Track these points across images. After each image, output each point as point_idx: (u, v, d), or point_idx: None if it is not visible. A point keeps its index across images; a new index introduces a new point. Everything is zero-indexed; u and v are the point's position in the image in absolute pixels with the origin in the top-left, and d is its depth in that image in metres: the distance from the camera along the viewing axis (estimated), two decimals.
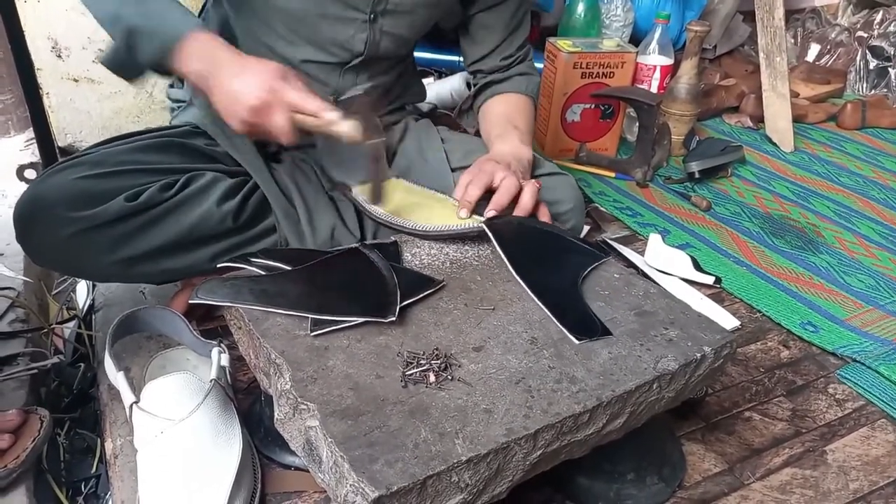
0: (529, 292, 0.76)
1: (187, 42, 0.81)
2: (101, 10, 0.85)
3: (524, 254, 0.82)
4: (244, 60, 0.81)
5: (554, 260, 0.83)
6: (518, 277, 0.78)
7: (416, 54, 1.21)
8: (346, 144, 0.81)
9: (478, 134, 1.55)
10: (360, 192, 0.93)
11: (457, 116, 1.17)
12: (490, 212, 0.86)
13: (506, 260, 0.80)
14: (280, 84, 0.79)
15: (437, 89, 1.65)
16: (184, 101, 1.05)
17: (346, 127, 0.80)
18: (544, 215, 0.91)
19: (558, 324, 0.72)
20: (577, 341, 0.70)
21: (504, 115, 1.08)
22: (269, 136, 0.82)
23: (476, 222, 0.85)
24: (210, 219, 0.87)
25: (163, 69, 0.84)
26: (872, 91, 2.11)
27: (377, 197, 0.90)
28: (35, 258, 0.86)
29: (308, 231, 0.93)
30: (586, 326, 0.72)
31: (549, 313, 0.73)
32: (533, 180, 0.92)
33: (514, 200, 0.89)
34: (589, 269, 0.81)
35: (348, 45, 0.97)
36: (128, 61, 0.85)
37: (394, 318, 0.70)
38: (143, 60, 0.83)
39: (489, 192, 0.88)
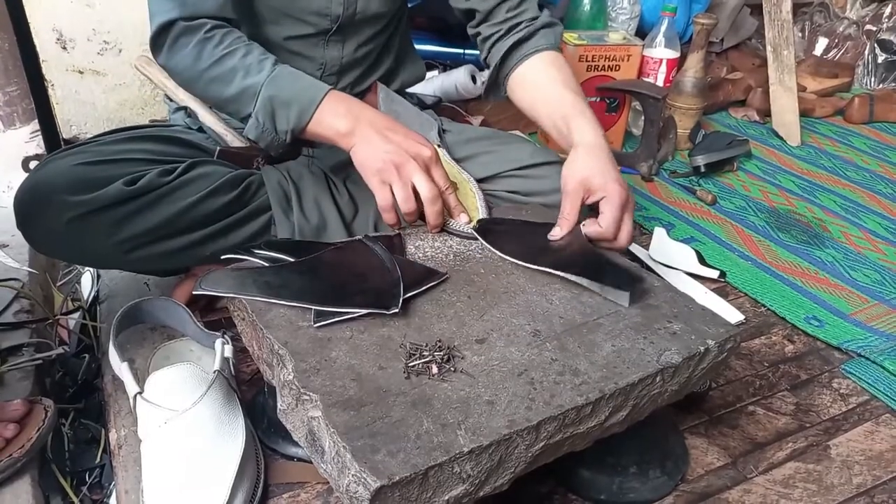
0: (560, 273, 0.77)
1: (325, 103, 0.84)
2: (222, 90, 0.86)
3: (525, 246, 0.82)
4: (389, 118, 0.86)
5: (554, 243, 0.83)
6: (534, 267, 0.78)
7: (421, 47, 1.21)
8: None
9: (483, 124, 1.55)
10: None
11: (486, 96, 1.11)
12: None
13: (508, 258, 0.80)
14: (423, 148, 0.82)
15: (442, 82, 1.65)
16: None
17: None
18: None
19: (599, 290, 0.74)
20: (626, 302, 0.73)
21: (556, 82, 0.97)
22: (402, 197, 0.81)
23: (469, 228, 0.85)
24: (206, 202, 0.88)
25: (298, 138, 0.87)
26: (881, 85, 2.10)
27: None
28: (35, 245, 0.87)
29: (296, 208, 0.94)
30: (624, 280, 0.74)
31: (587, 283, 0.75)
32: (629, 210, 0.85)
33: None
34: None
35: (325, 11, 0.96)
36: (269, 131, 0.86)
37: (396, 310, 0.70)
38: (283, 128, 0.85)
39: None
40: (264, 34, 0.96)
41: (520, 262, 0.79)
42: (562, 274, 0.76)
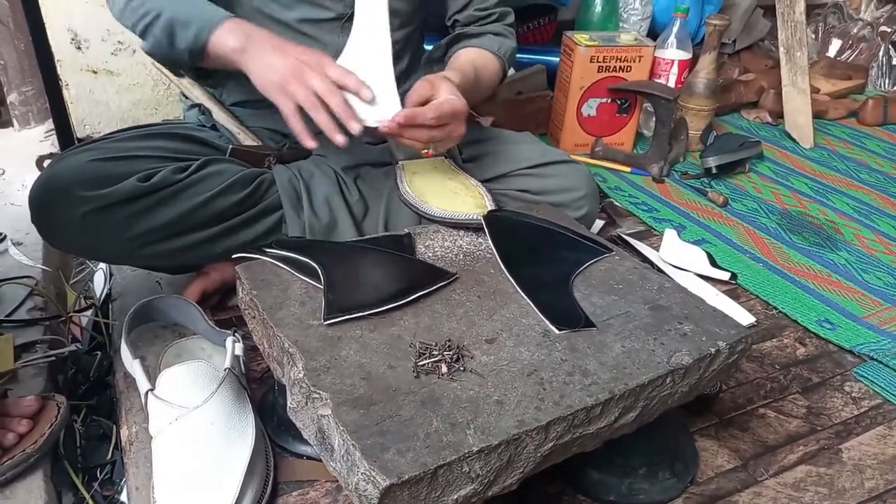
0: (516, 286, 0.76)
1: (222, 27, 0.84)
2: (135, 15, 0.87)
3: (518, 249, 0.82)
4: (281, 39, 0.85)
5: (548, 255, 0.83)
6: (506, 272, 0.78)
7: (430, 47, 1.21)
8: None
9: (494, 125, 1.55)
10: (403, 166, 0.96)
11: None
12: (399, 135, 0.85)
13: (497, 255, 0.80)
14: (318, 56, 0.82)
15: None
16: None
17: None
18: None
19: (541, 315, 0.72)
20: (557, 330, 0.70)
21: (469, 60, 1.03)
22: (308, 103, 0.81)
23: (478, 214, 0.85)
24: (218, 200, 0.89)
25: (199, 60, 0.87)
26: (894, 87, 2.08)
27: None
28: (49, 239, 0.88)
29: (307, 207, 0.95)
30: (569, 318, 0.72)
31: (532, 306, 0.73)
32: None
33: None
34: (586, 264, 0.81)
35: None
36: (168, 49, 0.87)
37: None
38: (181, 47, 0.85)
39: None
40: (277, 15, 0.96)
41: (503, 268, 0.79)
42: (522, 293, 0.75)
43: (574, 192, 1.01)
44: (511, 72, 1.70)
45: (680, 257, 1.21)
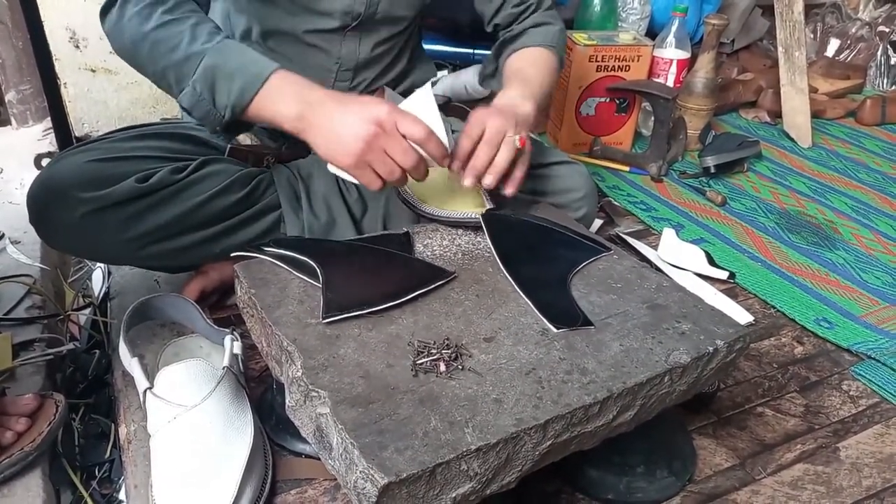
0: (514, 285, 0.76)
1: (272, 83, 0.77)
2: (167, 55, 0.79)
3: (516, 248, 0.82)
4: (341, 96, 0.77)
5: (546, 254, 0.83)
6: (505, 271, 0.78)
7: (431, 47, 1.21)
8: None
9: None
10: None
11: (482, 83, 1.15)
12: (470, 176, 0.82)
13: (495, 254, 0.81)
14: (387, 115, 0.74)
15: (451, 82, 1.65)
16: None
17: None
18: (520, 169, 0.85)
19: (539, 314, 0.72)
20: (555, 329, 0.70)
21: (515, 70, 1.01)
22: (387, 175, 0.76)
23: (477, 213, 0.85)
24: (217, 200, 0.89)
25: (239, 116, 0.79)
26: (893, 87, 2.09)
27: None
28: (48, 240, 0.88)
29: (306, 206, 0.94)
30: (567, 316, 0.72)
31: (530, 304, 0.73)
32: (517, 136, 0.84)
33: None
34: (584, 263, 0.81)
35: (348, 9, 0.96)
36: (206, 102, 0.79)
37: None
38: (222, 102, 0.78)
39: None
40: (282, 26, 0.96)
41: (502, 267, 0.79)
42: (520, 291, 0.75)
43: (574, 192, 1.01)
44: None
45: (678, 256, 1.21)
